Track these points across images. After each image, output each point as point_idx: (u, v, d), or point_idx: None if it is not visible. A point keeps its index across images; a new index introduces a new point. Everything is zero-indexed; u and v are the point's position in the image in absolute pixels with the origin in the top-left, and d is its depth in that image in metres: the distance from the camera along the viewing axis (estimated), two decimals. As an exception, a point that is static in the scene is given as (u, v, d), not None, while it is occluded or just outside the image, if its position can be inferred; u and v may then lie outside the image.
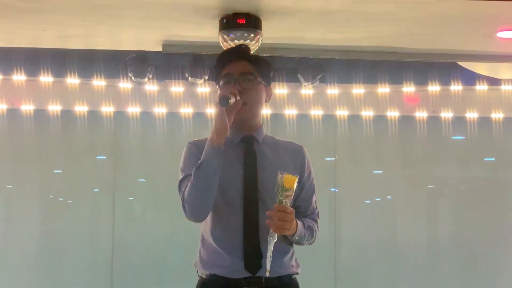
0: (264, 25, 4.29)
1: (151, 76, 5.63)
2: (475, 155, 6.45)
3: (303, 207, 2.77)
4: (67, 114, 6.00)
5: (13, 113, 5.97)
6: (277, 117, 6.02)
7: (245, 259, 2.60)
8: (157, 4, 4.02)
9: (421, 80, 6.06)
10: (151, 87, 5.97)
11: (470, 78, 6.03)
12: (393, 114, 6.28)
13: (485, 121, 6.29)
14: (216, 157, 2.55)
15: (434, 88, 6.16)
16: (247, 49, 2.82)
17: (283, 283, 2.65)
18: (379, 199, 6.45)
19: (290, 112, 6.14)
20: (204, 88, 5.94)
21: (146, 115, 6.08)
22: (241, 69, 2.69)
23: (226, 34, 4.26)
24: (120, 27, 4.59)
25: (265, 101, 2.78)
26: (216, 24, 4.30)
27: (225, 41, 4.29)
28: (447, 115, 6.31)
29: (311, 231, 2.73)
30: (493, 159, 6.51)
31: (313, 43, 4.93)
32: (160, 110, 6.09)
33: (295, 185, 2.54)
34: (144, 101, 6.04)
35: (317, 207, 2.83)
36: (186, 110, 6.06)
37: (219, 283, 2.62)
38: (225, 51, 2.81)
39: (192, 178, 2.56)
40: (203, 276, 2.69)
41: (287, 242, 2.69)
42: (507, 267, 6.32)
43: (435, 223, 6.47)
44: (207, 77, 5.49)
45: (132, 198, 6.26)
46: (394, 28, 4.53)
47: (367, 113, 6.26)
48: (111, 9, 4.12)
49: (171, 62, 5.65)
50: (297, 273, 2.74)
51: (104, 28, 4.60)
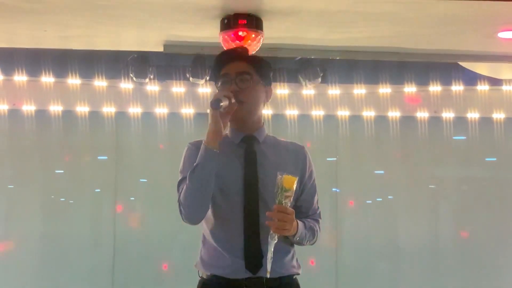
0: (265, 25, 4.28)
1: (152, 77, 5.64)
2: (477, 155, 6.45)
3: (304, 208, 2.77)
4: (68, 114, 6.00)
5: (14, 113, 5.97)
6: (278, 118, 6.02)
7: (245, 258, 2.60)
8: (158, 4, 4.01)
9: (422, 80, 6.07)
10: (152, 87, 5.97)
11: (471, 78, 6.04)
12: (394, 114, 6.28)
13: (486, 121, 6.29)
14: (210, 160, 2.54)
15: (435, 88, 6.16)
16: (244, 49, 2.82)
17: (284, 283, 2.65)
18: (380, 199, 6.44)
19: (292, 112, 6.14)
20: (205, 88, 5.95)
21: (147, 116, 6.08)
22: (237, 69, 2.69)
23: (227, 34, 4.26)
24: (122, 27, 4.59)
25: (265, 101, 2.78)
26: (217, 25, 4.30)
27: (226, 42, 4.29)
28: (448, 115, 6.30)
29: (312, 232, 2.73)
30: (495, 159, 6.51)
31: (314, 43, 4.93)
32: (161, 111, 6.09)
33: (294, 186, 2.53)
34: (145, 102, 6.04)
35: (318, 207, 2.83)
36: (187, 111, 6.07)
37: (220, 284, 2.62)
38: (222, 52, 2.81)
39: (187, 181, 2.57)
40: (204, 277, 2.68)
41: (288, 242, 2.69)
42: (509, 267, 6.32)
43: (436, 223, 6.46)
44: (208, 78, 5.49)
45: (133, 198, 6.25)
46: (396, 29, 4.53)
47: (369, 113, 6.26)
48: (113, 10, 4.12)
49: (172, 62, 5.65)
50: (298, 274, 2.73)
51: (106, 29, 4.60)
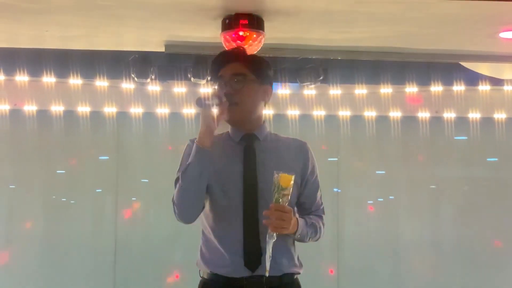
0: (266, 25, 4.28)
1: (153, 77, 5.64)
2: (478, 156, 6.44)
3: (307, 204, 2.77)
4: (69, 114, 6.00)
5: (15, 113, 5.97)
6: (279, 118, 6.01)
7: (245, 256, 2.60)
8: (160, 4, 4.01)
9: (423, 80, 6.06)
10: (153, 87, 5.97)
11: (473, 79, 6.03)
12: (395, 114, 6.27)
13: (487, 121, 6.28)
14: (202, 159, 2.55)
15: (436, 88, 6.16)
16: (240, 50, 2.82)
17: (284, 283, 2.65)
18: (381, 199, 6.44)
19: (293, 112, 6.13)
20: (206, 88, 5.94)
21: (149, 116, 6.08)
22: (232, 70, 2.69)
23: (228, 34, 4.26)
24: (123, 27, 4.59)
25: (264, 100, 2.77)
26: (218, 25, 4.30)
27: (227, 42, 4.29)
28: (449, 115, 6.30)
29: (314, 228, 2.73)
30: (496, 159, 6.50)
31: (315, 43, 4.93)
32: (162, 111, 6.09)
33: (291, 184, 2.53)
34: (146, 102, 6.04)
35: (322, 203, 2.83)
36: (189, 111, 6.06)
37: (220, 283, 2.62)
38: (219, 54, 2.81)
39: (180, 180, 2.57)
40: (205, 276, 2.69)
41: (289, 240, 2.69)
42: (510, 267, 6.31)
43: (437, 223, 6.45)
44: (209, 78, 5.49)
45: (135, 199, 6.25)
46: (397, 29, 4.53)
47: (370, 114, 6.26)
48: (114, 10, 4.11)
49: (174, 62, 5.65)
50: (299, 273, 2.74)
51: (107, 29, 4.60)
